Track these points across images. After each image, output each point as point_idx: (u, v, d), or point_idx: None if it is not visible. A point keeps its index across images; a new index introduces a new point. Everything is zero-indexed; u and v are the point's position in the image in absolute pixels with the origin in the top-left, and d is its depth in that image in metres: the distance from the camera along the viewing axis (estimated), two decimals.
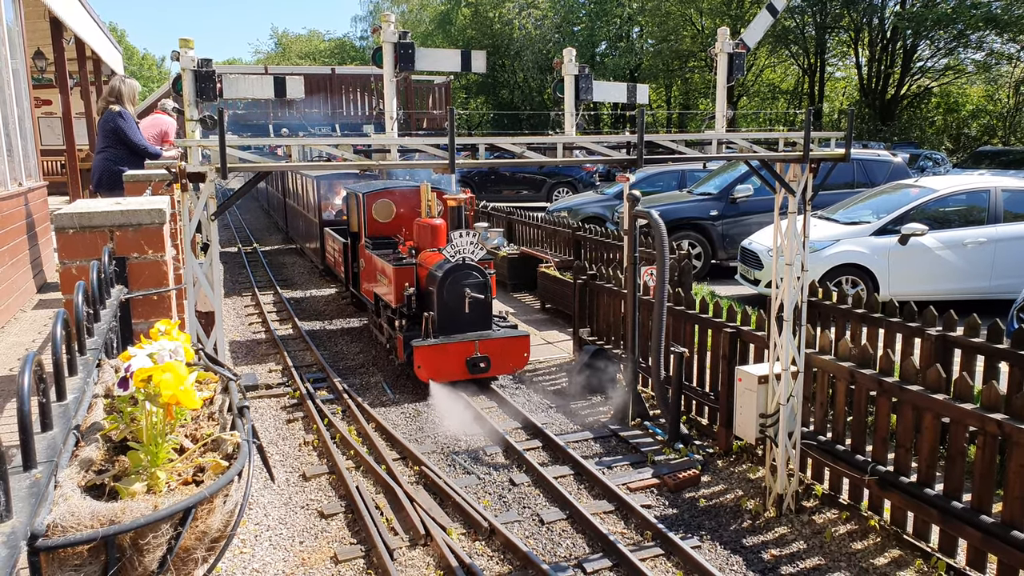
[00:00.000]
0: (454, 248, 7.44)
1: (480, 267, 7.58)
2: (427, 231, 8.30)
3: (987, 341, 5.27)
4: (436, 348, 7.33)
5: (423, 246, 8.32)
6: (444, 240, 8.03)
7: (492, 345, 7.52)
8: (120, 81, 6.70)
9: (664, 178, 16.07)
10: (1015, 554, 4.10)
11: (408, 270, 8.00)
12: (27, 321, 5.09)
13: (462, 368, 7.41)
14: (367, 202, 9.33)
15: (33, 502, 1.04)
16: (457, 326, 7.55)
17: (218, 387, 1.68)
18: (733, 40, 4.73)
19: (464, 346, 7.42)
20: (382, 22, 3.93)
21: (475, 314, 7.59)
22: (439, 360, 7.33)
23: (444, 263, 7.51)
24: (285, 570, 4.81)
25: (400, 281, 7.91)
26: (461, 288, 7.45)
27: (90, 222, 2.27)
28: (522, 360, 7.70)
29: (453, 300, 7.47)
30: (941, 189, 9.91)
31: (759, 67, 35.40)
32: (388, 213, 9.41)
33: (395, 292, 7.92)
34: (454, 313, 7.51)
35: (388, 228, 9.36)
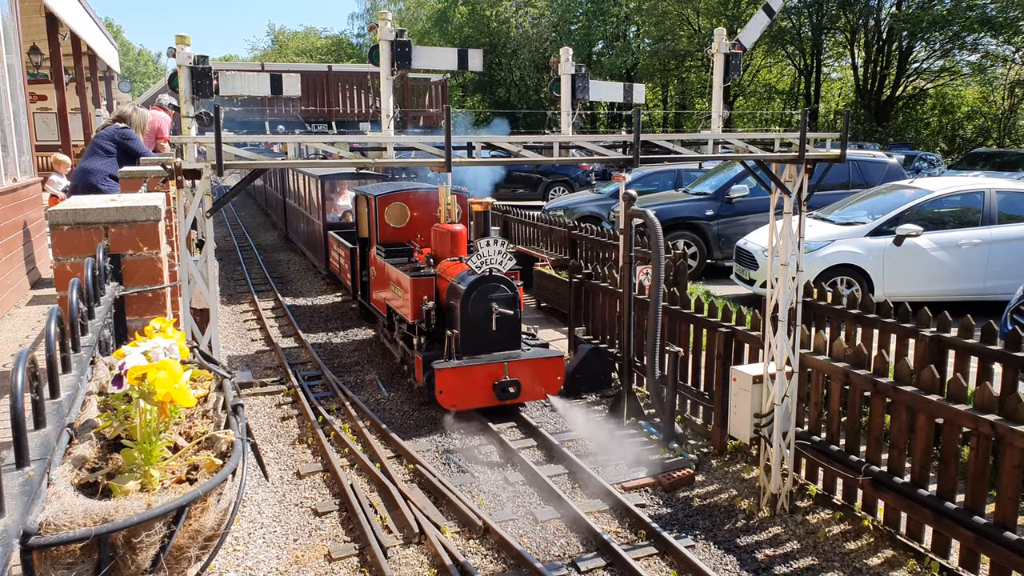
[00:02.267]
0: (480, 258, 6.67)
1: (509, 279, 6.85)
2: (446, 238, 7.58)
3: (981, 342, 5.29)
4: (461, 371, 6.56)
5: (442, 255, 7.60)
6: (465, 248, 7.47)
7: (522, 367, 6.75)
8: (133, 109, 6.81)
9: (660, 178, 16.09)
10: (1008, 555, 4.12)
11: (426, 282, 7.29)
12: (21, 317, 5.07)
13: (489, 394, 6.65)
14: (379, 205, 8.59)
15: (26, 500, 1.04)
16: (483, 345, 6.78)
17: (212, 385, 1.68)
18: (730, 40, 4.74)
19: (491, 369, 6.65)
20: (379, 20, 3.92)
21: (503, 332, 6.83)
22: (464, 385, 6.58)
23: (468, 275, 6.78)
24: (279, 568, 4.80)
25: (417, 294, 7.22)
26: (488, 303, 6.71)
27: (85, 219, 2.26)
28: (555, 384, 6.95)
29: (479, 316, 6.72)
30: (936, 190, 9.94)
31: (755, 67, 35.45)
32: (402, 217, 8.67)
33: (412, 306, 7.23)
34: (480, 331, 6.75)
35: (402, 234, 8.65)
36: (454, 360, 6.65)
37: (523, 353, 6.89)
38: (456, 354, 6.70)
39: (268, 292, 12.51)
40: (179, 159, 3.73)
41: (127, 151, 6.52)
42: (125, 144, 6.50)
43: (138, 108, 6.88)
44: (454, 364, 6.58)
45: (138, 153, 6.60)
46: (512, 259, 6.85)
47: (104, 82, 15.65)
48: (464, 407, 6.58)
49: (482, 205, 7.27)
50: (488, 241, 6.72)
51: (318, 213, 12.28)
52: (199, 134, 3.77)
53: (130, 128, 6.62)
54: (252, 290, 12.53)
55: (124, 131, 6.54)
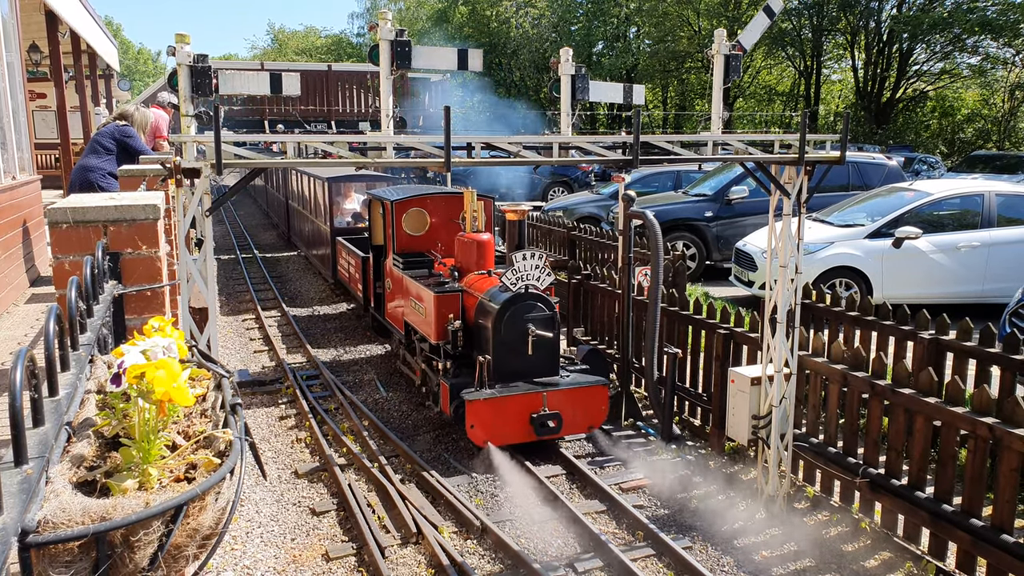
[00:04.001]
0: (516, 273, 5.94)
1: (546, 297, 6.12)
2: (472, 248, 6.83)
3: (979, 345, 5.30)
4: (494, 403, 5.83)
5: (467, 267, 6.85)
6: (492, 259, 6.83)
7: (563, 398, 6.03)
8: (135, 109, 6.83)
9: (659, 179, 16.09)
10: (1005, 557, 4.12)
11: (451, 298, 6.54)
12: (19, 315, 5.06)
13: (525, 428, 5.93)
14: (396, 211, 7.83)
15: (24, 498, 1.04)
16: (517, 372, 6.07)
17: (211, 384, 1.68)
18: (730, 42, 4.74)
19: (529, 399, 5.92)
20: (379, 19, 3.93)
21: (540, 356, 6.10)
22: (498, 418, 5.85)
23: (500, 291, 6.07)
24: (276, 567, 4.80)
25: (442, 312, 6.46)
26: (523, 324, 5.98)
27: (84, 217, 2.26)
28: (599, 415, 6.21)
29: (513, 339, 6.00)
30: (935, 193, 9.94)
31: (755, 69, 35.46)
32: (421, 224, 7.95)
33: (435, 325, 6.49)
34: (514, 355, 6.03)
35: (420, 242, 7.92)
36: (486, 389, 5.90)
37: (562, 380, 6.17)
38: (488, 382, 5.94)
39: (270, 299, 11.80)
40: (178, 158, 3.73)
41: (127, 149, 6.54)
42: (125, 142, 6.51)
43: (140, 107, 6.90)
44: (487, 394, 5.83)
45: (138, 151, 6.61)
46: (550, 274, 6.12)
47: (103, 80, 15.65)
48: (498, 443, 5.84)
49: (516, 213, 6.56)
50: (524, 254, 5.99)
51: (325, 218, 11.58)
52: (198, 133, 3.78)
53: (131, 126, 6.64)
54: (255, 298, 11.88)
55: (125, 129, 6.56)
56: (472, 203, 6.91)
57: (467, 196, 6.97)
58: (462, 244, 6.95)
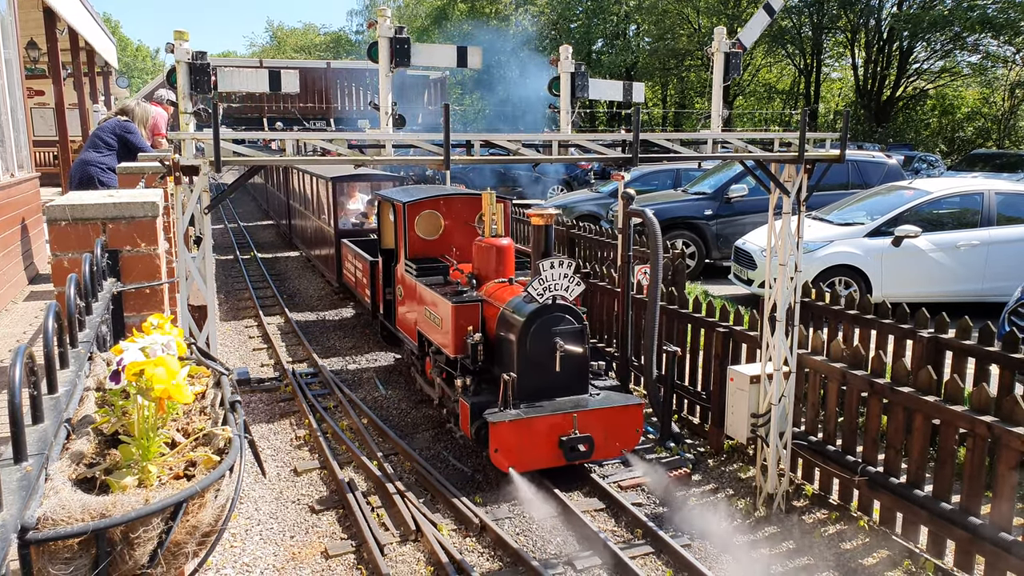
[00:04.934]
0: (543, 283, 5.46)
1: (575, 308, 5.67)
2: (491, 254, 6.44)
3: (978, 343, 5.30)
4: (520, 425, 5.32)
5: (485, 274, 6.47)
6: (512, 266, 6.47)
7: (594, 419, 5.53)
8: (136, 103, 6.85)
9: (659, 177, 16.09)
10: (1003, 555, 4.13)
11: (471, 309, 6.05)
12: (18, 313, 5.06)
13: (554, 451, 5.42)
14: (408, 214, 7.34)
15: (23, 495, 1.04)
16: (543, 390, 5.59)
17: (210, 381, 1.68)
18: (730, 39, 4.74)
19: (557, 421, 5.42)
20: (378, 17, 3.92)
21: (568, 373, 5.62)
22: (524, 441, 5.34)
23: (525, 302, 5.60)
24: (275, 564, 4.81)
25: (460, 323, 5.99)
26: (551, 338, 5.51)
27: (82, 214, 2.26)
28: (633, 437, 5.70)
29: (540, 354, 5.53)
30: (935, 191, 9.94)
31: (755, 67, 35.44)
32: (435, 228, 7.48)
33: (453, 338, 6.01)
34: (540, 372, 5.56)
35: (433, 247, 7.47)
36: (511, 410, 5.41)
37: (593, 400, 5.69)
38: (513, 401, 5.46)
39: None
40: (177, 155, 3.72)
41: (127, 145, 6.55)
42: (126, 138, 6.53)
43: (141, 103, 6.92)
44: (512, 416, 5.34)
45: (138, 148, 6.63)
46: (580, 283, 5.63)
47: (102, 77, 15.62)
48: (524, 468, 5.34)
49: (543, 218, 5.95)
50: (552, 262, 5.48)
51: (329, 219, 11.13)
52: (197, 130, 3.77)
53: (132, 122, 6.66)
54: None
55: (126, 124, 6.57)
56: (491, 205, 6.48)
57: (485, 198, 6.53)
58: (480, 250, 6.55)
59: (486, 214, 6.50)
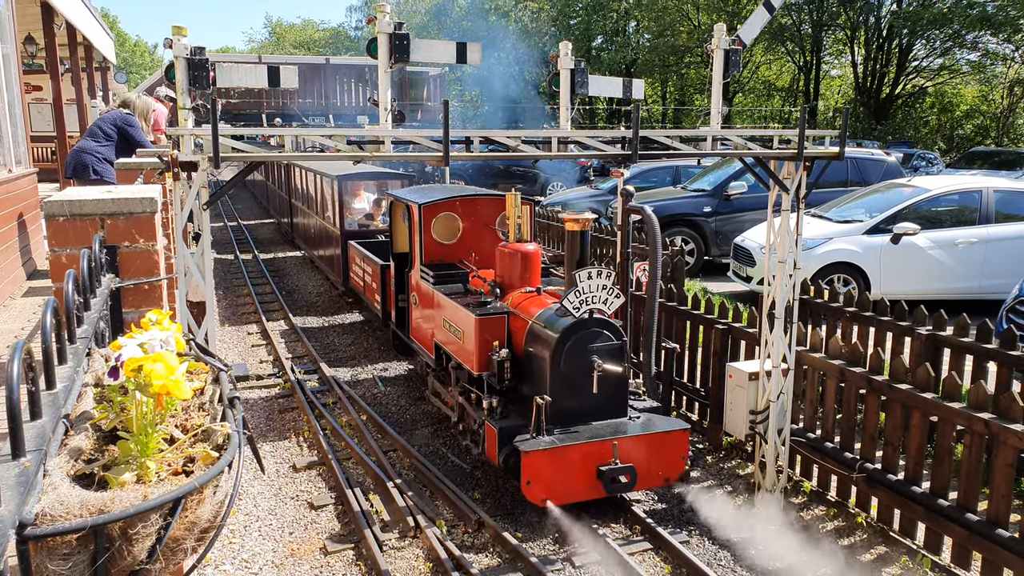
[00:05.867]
0: (579, 296, 4.94)
1: (614, 323, 5.15)
2: (515, 261, 5.90)
3: (976, 341, 5.31)
4: (555, 454, 4.78)
5: (509, 282, 5.92)
6: (539, 274, 5.98)
7: (637, 446, 4.98)
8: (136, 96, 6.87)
9: (658, 174, 16.09)
10: (1000, 552, 4.14)
11: (496, 322, 5.52)
12: (16, 309, 5.05)
13: (591, 482, 4.88)
14: (424, 216, 6.73)
15: (22, 491, 1.04)
16: (579, 413, 5.09)
17: (209, 377, 1.68)
18: (730, 36, 4.74)
19: (595, 449, 4.88)
20: (377, 12, 3.91)
21: (606, 395, 5.09)
22: (559, 471, 4.81)
23: (558, 316, 5.09)
24: (274, 560, 4.81)
25: (485, 338, 5.45)
26: (587, 356, 4.98)
27: (81, 210, 2.26)
28: (678, 465, 5.15)
29: (575, 374, 5.00)
30: (934, 189, 9.95)
31: (755, 64, 35.43)
32: (452, 231, 6.88)
33: (477, 354, 5.48)
34: (575, 393, 5.03)
35: (450, 251, 6.88)
36: (544, 437, 4.88)
37: (633, 424, 5.17)
38: (545, 427, 4.93)
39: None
40: (176, 151, 3.72)
41: (127, 138, 6.57)
42: (126, 131, 6.54)
43: (142, 95, 6.95)
44: (546, 444, 4.80)
45: (137, 141, 6.63)
46: (620, 296, 5.11)
47: (100, 73, 15.59)
48: (560, 501, 4.85)
49: (579, 223, 5.32)
50: (589, 272, 4.95)
51: (335, 219, 10.54)
52: (196, 126, 3.77)
53: (133, 115, 6.67)
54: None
55: (127, 117, 6.59)
56: (516, 207, 5.91)
57: (510, 199, 5.94)
58: (505, 256, 5.98)
59: (511, 217, 5.95)
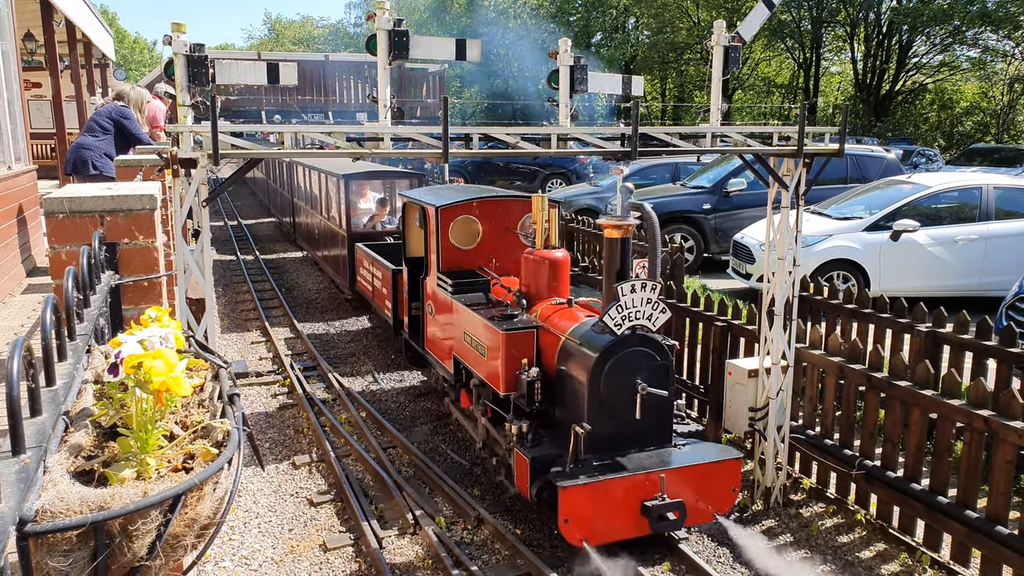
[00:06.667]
0: (621, 311, 4.44)
1: (659, 341, 4.66)
2: (542, 269, 5.44)
3: (976, 338, 5.31)
4: (596, 489, 4.29)
5: (536, 292, 5.47)
6: (567, 284, 5.52)
7: (685, 479, 4.51)
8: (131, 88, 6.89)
9: (658, 171, 16.08)
10: (999, 549, 4.15)
11: (525, 337, 5.03)
12: (16, 306, 5.05)
13: (635, 519, 4.39)
14: (442, 219, 6.24)
15: (22, 487, 1.04)
16: (620, 442, 4.63)
17: (208, 374, 1.68)
18: (729, 33, 4.73)
19: (639, 482, 4.39)
20: (377, 9, 3.91)
21: (649, 421, 4.60)
22: (600, 508, 4.32)
23: (596, 331, 4.62)
24: (274, 557, 4.82)
25: (513, 354, 4.97)
26: (630, 378, 4.50)
27: (80, 207, 2.26)
28: (728, 498, 4.67)
29: (616, 398, 4.52)
30: (933, 186, 9.95)
31: (754, 61, 35.40)
32: (471, 236, 6.39)
33: (504, 372, 5.00)
34: (616, 420, 4.55)
35: (469, 257, 6.38)
36: (583, 470, 4.41)
37: (680, 453, 4.68)
38: (584, 457, 4.47)
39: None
40: (175, 148, 3.72)
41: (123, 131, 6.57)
42: (122, 123, 6.55)
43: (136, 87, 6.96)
44: (586, 478, 4.30)
45: (133, 134, 6.63)
46: (666, 310, 4.58)
47: (99, 70, 15.57)
48: (600, 540, 4.37)
49: (619, 229, 4.74)
50: (633, 285, 4.44)
51: (340, 220, 10.16)
52: (195, 123, 3.76)
53: (128, 107, 6.67)
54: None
55: (123, 110, 6.59)
56: (542, 210, 5.46)
57: (536, 202, 5.51)
58: (531, 263, 5.51)
59: (537, 220, 5.48)
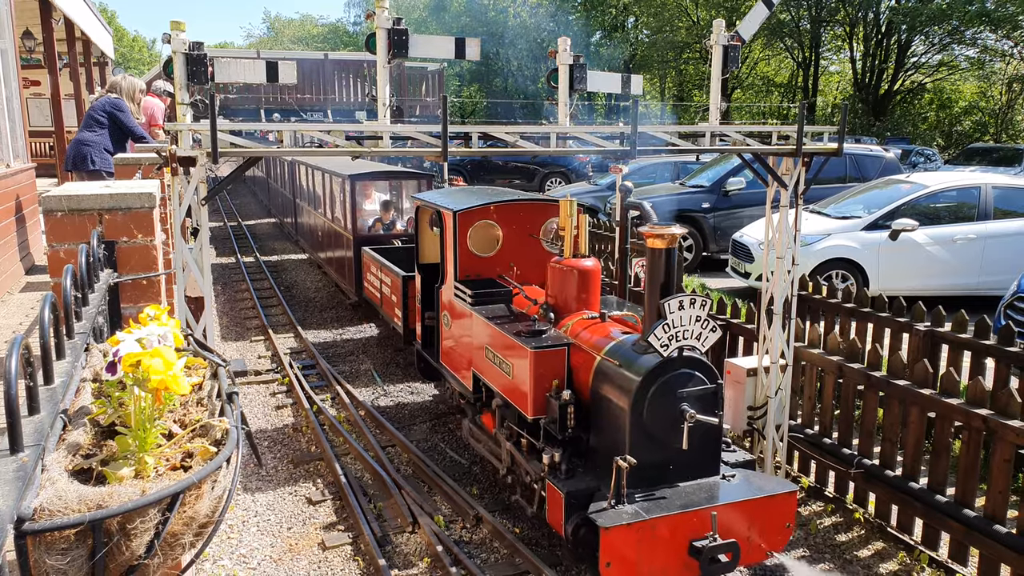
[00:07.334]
0: (668, 331, 3.97)
1: (707, 363, 4.20)
2: (571, 279, 4.98)
3: (974, 337, 5.32)
4: (642, 530, 3.83)
5: (564, 305, 5.03)
6: (598, 296, 5.07)
7: (739, 515, 4.02)
8: (122, 78, 6.87)
9: (657, 170, 16.08)
10: (997, 548, 4.15)
11: (556, 356, 4.54)
12: (14, 304, 5.04)
13: (682, 561, 3.94)
14: (460, 225, 5.78)
15: (20, 486, 1.04)
16: (665, 473, 4.17)
17: (207, 373, 1.68)
18: (728, 32, 4.73)
19: (689, 521, 3.92)
20: (376, 8, 3.91)
21: (697, 451, 4.13)
22: (645, 550, 3.87)
23: (637, 351, 4.20)
24: (272, 556, 4.82)
25: (543, 374, 4.50)
26: (676, 404, 4.05)
27: (79, 205, 2.26)
28: (783, 534, 4.16)
29: (661, 426, 4.06)
30: (932, 185, 9.95)
31: (753, 60, 35.40)
32: (491, 242, 5.94)
33: (533, 394, 4.51)
34: (661, 449, 4.10)
35: (488, 265, 5.94)
36: (626, 506, 3.95)
37: (730, 486, 4.21)
38: (625, 492, 3.98)
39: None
40: (174, 146, 3.72)
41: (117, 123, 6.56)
42: (115, 115, 6.54)
43: (128, 76, 6.95)
44: (630, 517, 3.85)
45: (127, 127, 6.62)
46: (716, 329, 4.11)
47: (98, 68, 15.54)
48: None
49: (664, 239, 4.12)
50: (681, 302, 3.96)
51: (346, 222, 9.78)
52: (194, 121, 3.76)
53: (121, 99, 6.65)
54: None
55: (116, 102, 6.58)
56: (571, 216, 5.00)
57: (564, 207, 5.02)
58: (558, 273, 5.06)
59: (566, 227, 5.02)
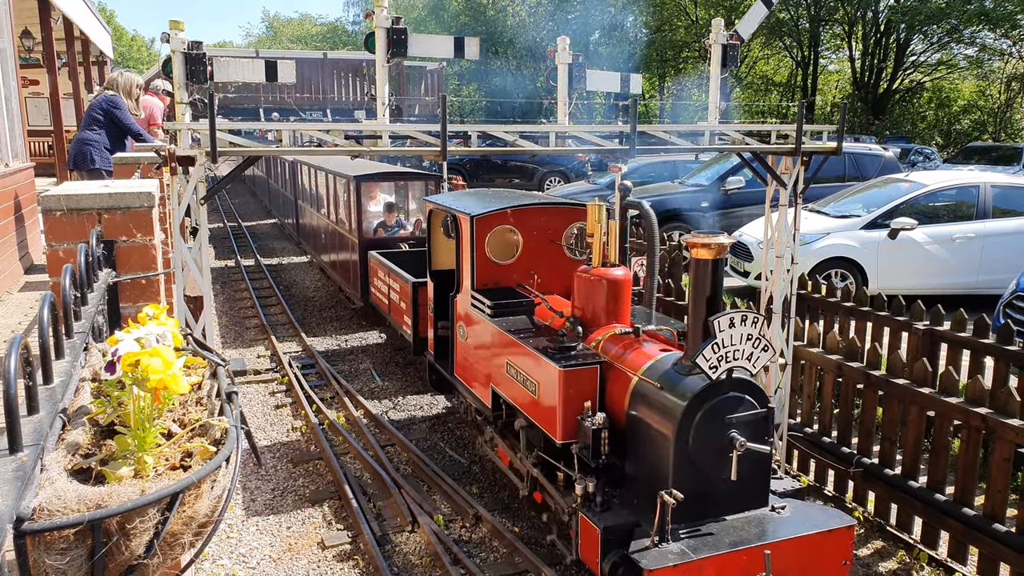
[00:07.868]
0: (717, 351, 3.57)
1: (757, 385, 3.82)
2: (600, 290, 4.53)
3: (973, 336, 5.32)
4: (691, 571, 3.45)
5: (592, 318, 4.58)
6: (628, 308, 4.62)
7: (792, 552, 3.63)
8: (119, 74, 6.86)
9: (656, 169, 16.08)
10: (996, 546, 4.16)
11: (587, 375, 4.14)
12: (13, 303, 5.04)
13: None
14: (478, 231, 5.34)
15: (19, 485, 1.04)
16: (712, 505, 3.79)
17: (206, 372, 1.68)
18: (727, 31, 4.73)
19: (739, 561, 3.54)
20: (375, 7, 3.91)
21: (746, 481, 3.75)
22: None
23: (680, 372, 3.82)
24: (272, 555, 4.82)
25: (572, 395, 4.09)
26: (724, 431, 3.67)
27: (78, 204, 2.25)
28: (839, 572, 3.74)
29: (707, 454, 3.68)
30: (931, 184, 9.96)
31: (752, 59, 35.40)
32: (510, 249, 5.51)
33: (562, 417, 4.11)
34: (707, 480, 3.71)
35: (506, 273, 5.51)
36: (671, 545, 3.56)
37: (782, 520, 3.80)
38: (670, 527, 3.59)
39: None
40: (173, 146, 3.71)
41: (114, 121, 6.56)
42: (112, 113, 6.54)
43: (124, 71, 6.95)
44: (676, 557, 3.48)
45: (124, 124, 6.62)
46: (768, 348, 3.72)
47: (97, 67, 15.53)
48: None
49: (711, 249, 3.71)
50: (732, 319, 3.57)
51: (350, 225, 9.47)
52: (193, 120, 3.76)
53: (118, 96, 6.65)
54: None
55: (113, 99, 6.58)
56: (599, 221, 4.53)
57: (592, 212, 4.52)
58: (586, 284, 4.60)
59: (595, 233, 4.57)
